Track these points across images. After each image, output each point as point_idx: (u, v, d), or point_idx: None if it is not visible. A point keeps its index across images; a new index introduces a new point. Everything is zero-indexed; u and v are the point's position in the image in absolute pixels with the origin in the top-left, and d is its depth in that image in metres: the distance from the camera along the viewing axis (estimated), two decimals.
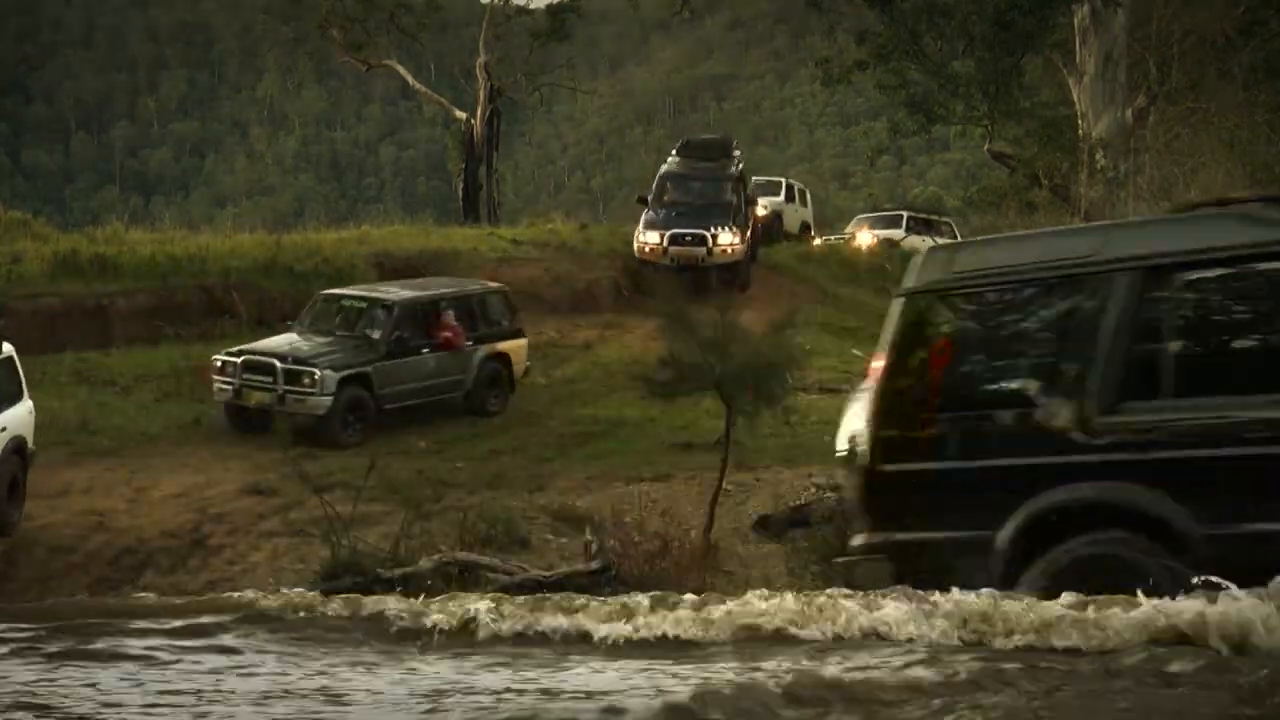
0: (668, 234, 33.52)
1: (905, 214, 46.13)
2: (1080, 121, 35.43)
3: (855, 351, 30.51)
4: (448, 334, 25.95)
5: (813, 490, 21.84)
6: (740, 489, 21.76)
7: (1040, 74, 39.67)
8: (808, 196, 46.54)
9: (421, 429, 25.42)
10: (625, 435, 24.87)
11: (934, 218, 46.53)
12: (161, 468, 23.02)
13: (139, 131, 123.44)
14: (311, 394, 24.12)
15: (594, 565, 19.22)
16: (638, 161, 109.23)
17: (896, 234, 43.03)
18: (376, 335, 25.26)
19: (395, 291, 26.60)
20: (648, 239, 33.70)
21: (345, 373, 24.44)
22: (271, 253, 31.87)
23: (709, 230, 33.45)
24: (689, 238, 33.35)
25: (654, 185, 35.32)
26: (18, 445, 20.54)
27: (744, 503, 21.51)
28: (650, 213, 34.39)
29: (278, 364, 24.25)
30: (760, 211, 38.65)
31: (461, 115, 46.65)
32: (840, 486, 22.05)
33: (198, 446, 23.93)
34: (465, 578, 18.92)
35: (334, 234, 36.54)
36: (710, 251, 33.32)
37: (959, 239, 44.03)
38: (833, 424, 25.78)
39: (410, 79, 49.33)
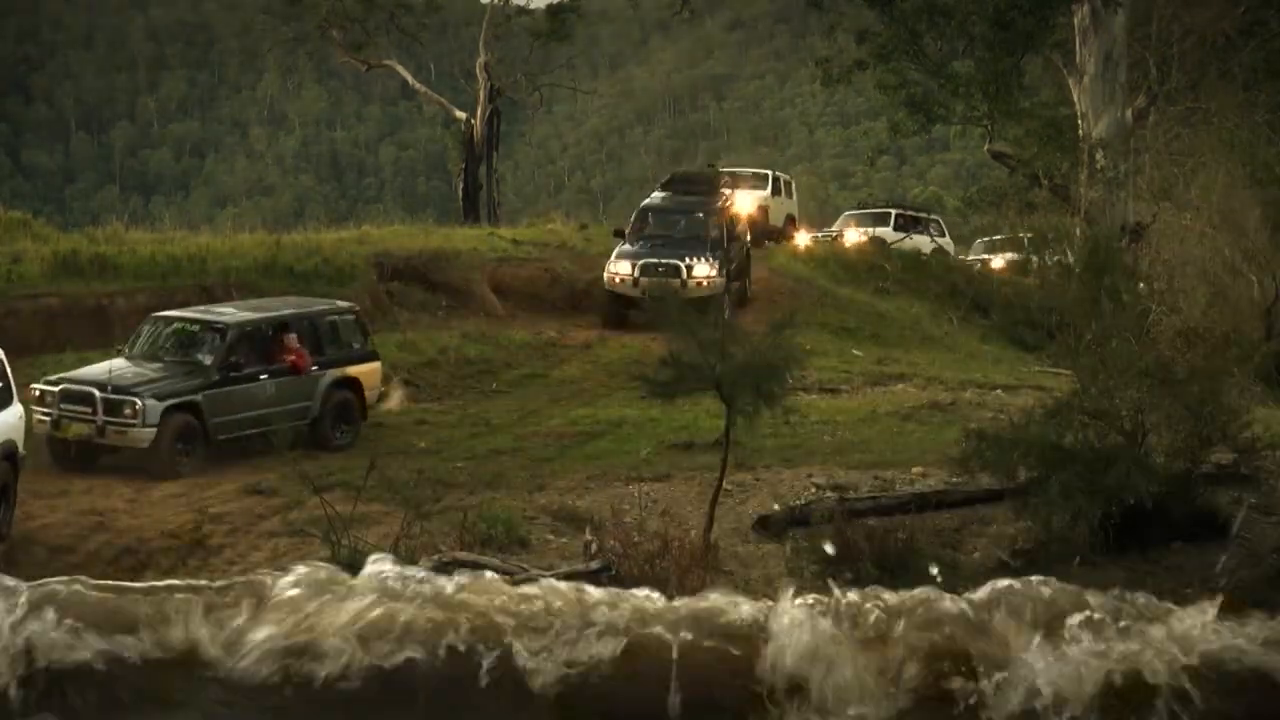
0: (639, 264, 31.69)
1: (893, 211, 45.54)
2: (1080, 121, 35.46)
3: (855, 351, 30.54)
4: (291, 358, 24.00)
5: (813, 490, 21.86)
6: (740, 489, 21.76)
7: (1040, 74, 39.71)
8: (793, 188, 45.62)
9: (420, 429, 25.41)
10: (625, 435, 24.86)
11: (922, 215, 45.98)
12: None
13: (139, 131, 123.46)
14: (133, 425, 22.45)
15: (594, 565, 19.22)
16: (638, 161, 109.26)
17: (885, 232, 42.65)
18: (208, 360, 23.33)
19: (230, 313, 24.59)
20: (618, 269, 31.87)
21: (170, 401, 22.60)
22: (271, 253, 31.87)
23: (684, 260, 31.55)
24: (662, 268, 31.40)
25: (633, 218, 33.66)
26: (8, 451, 20.27)
27: (744, 503, 21.51)
28: (625, 244, 32.71)
29: (96, 393, 22.56)
30: (756, 205, 38.31)
31: (461, 115, 46.66)
32: (841, 486, 22.11)
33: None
34: None
35: (334, 234, 36.55)
36: (684, 284, 31.02)
37: (947, 237, 43.91)
38: (833, 424, 25.89)
39: (410, 79, 49.34)
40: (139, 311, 29.01)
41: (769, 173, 44.90)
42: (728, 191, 34.83)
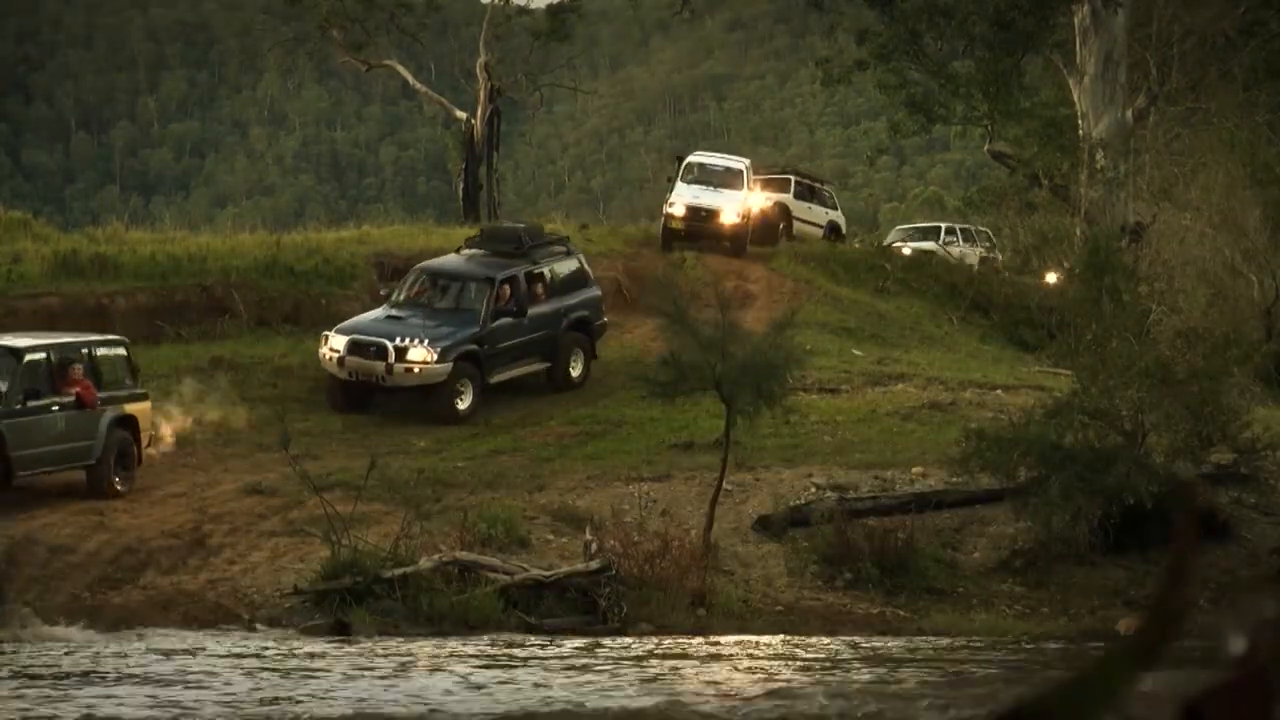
0: (347, 339, 25.65)
1: (792, 177, 43.20)
2: (1080, 122, 35.44)
3: (855, 351, 30.53)
4: (79, 390, 21.64)
5: (813, 490, 21.86)
6: (740, 489, 21.76)
7: (1040, 74, 39.68)
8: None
9: (421, 429, 25.40)
10: (625, 435, 24.85)
11: (818, 184, 44.34)
12: (162, 466, 23.00)
13: (139, 131, 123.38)
14: None
15: (594, 565, 19.22)
16: (638, 162, 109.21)
17: (786, 198, 40.55)
18: (4, 387, 21.22)
19: (25, 339, 22.78)
20: (332, 342, 25.77)
21: None
22: (272, 252, 31.85)
23: (395, 341, 25.40)
24: (372, 348, 25.43)
25: (407, 279, 27.83)
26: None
27: (744, 502, 21.52)
28: (381, 310, 26.95)
29: None
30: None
31: (462, 115, 46.62)
32: (841, 486, 22.12)
33: (198, 446, 23.90)
34: (465, 578, 18.94)
35: (334, 234, 36.51)
36: (390, 369, 25.28)
37: (839, 211, 43.14)
38: (833, 424, 25.89)
39: (410, 79, 49.31)
40: (139, 311, 29.02)
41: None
42: (563, 249, 28.85)
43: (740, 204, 35.40)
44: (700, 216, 34.70)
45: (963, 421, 23.67)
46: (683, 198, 35.01)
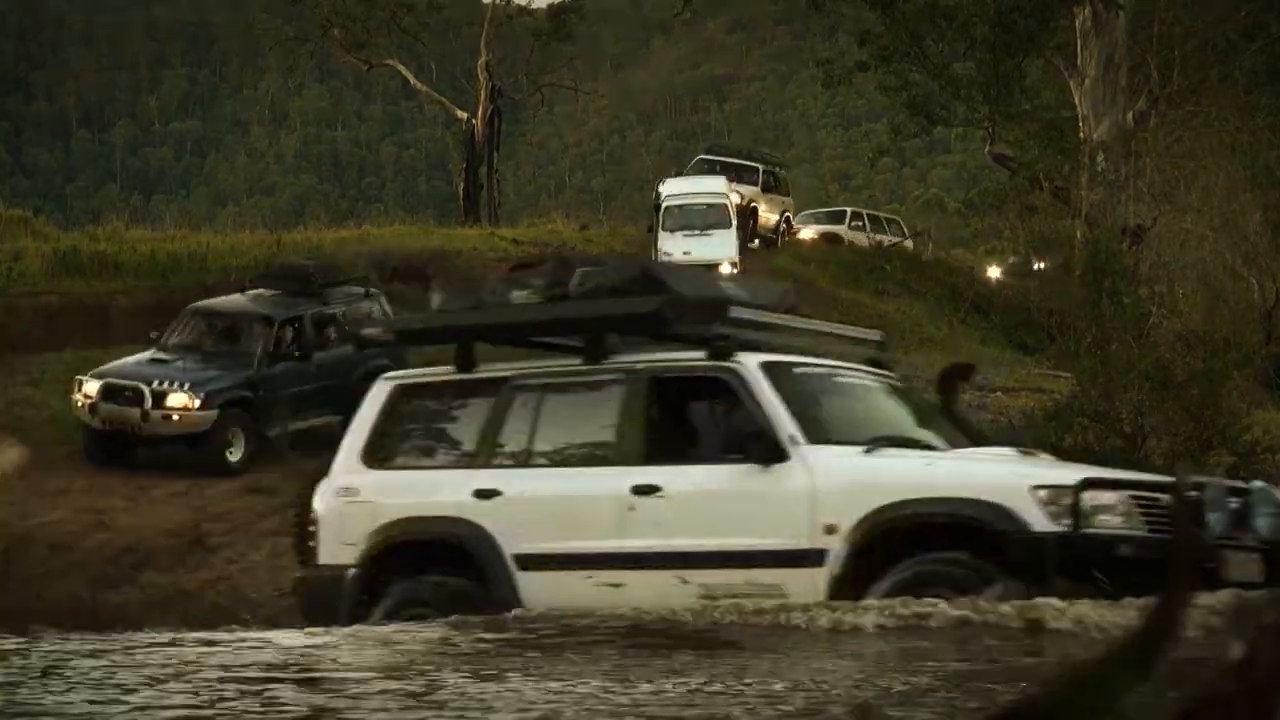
0: (101, 384, 22.92)
1: (759, 167, 41.51)
2: (1081, 124, 35.43)
3: None
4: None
5: None
6: None
7: (1041, 76, 39.68)
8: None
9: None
10: None
11: (779, 169, 43.60)
12: (161, 466, 23.01)
13: (140, 130, 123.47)
14: None
15: None
16: (639, 162, 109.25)
17: (754, 192, 39.67)
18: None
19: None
20: (85, 387, 23.08)
21: None
22: (272, 252, 31.89)
23: (152, 385, 22.73)
24: (128, 394, 22.68)
25: (180, 317, 24.82)
26: None
27: None
28: (147, 354, 24.02)
29: None
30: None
31: (462, 115, 46.67)
32: None
33: None
34: None
35: (334, 233, 36.57)
36: (146, 416, 22.60)
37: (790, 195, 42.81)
38: None
39: (411, 78, 49.36)
40: (139, 310, 29.02)
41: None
42: (363, 290, 25.71)
43: (733, 243, 34.02)
44: None
45: None
46: (671, 255, 32.66)
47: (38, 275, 29.41)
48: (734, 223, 34.65)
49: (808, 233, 42.68)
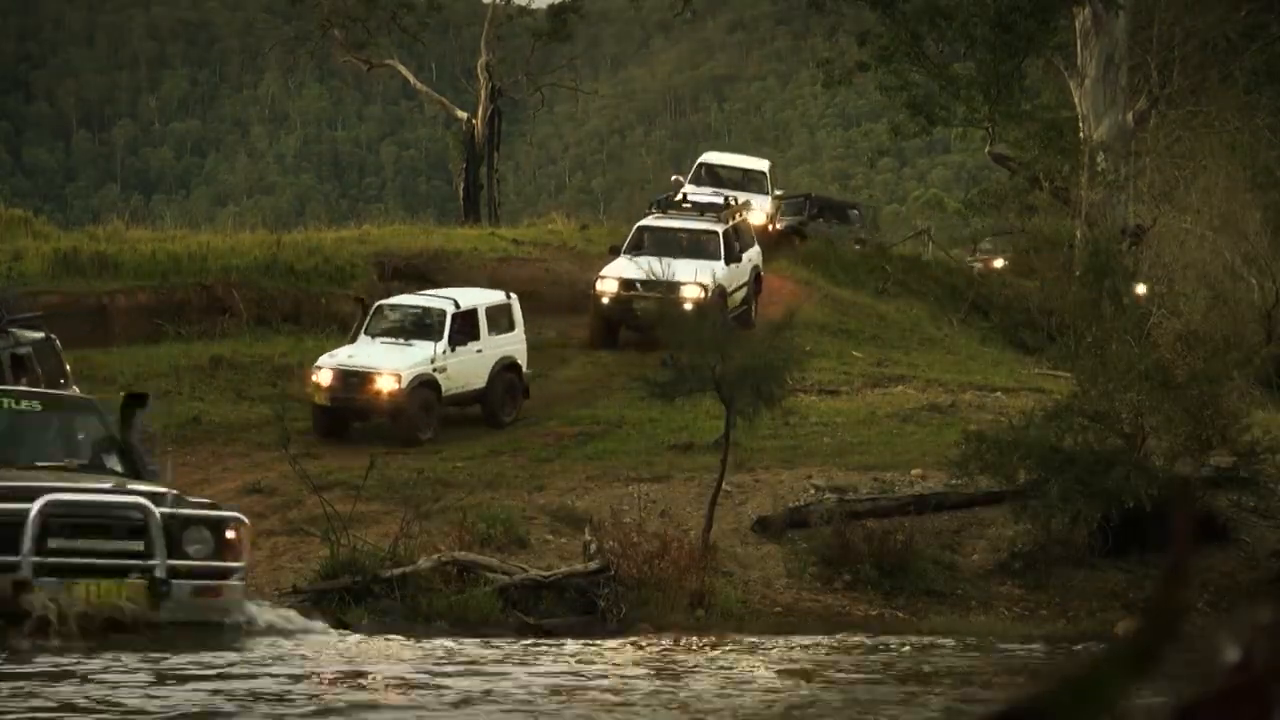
0: None
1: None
2: (1081, 124, 35.45)
3: (855, 353, 30.53)
4: None
5: (812, 491, 21.86)
6: (739, 490, 21.75)
7: (1041, 77, 39.70)
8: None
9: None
10: (624, 435, 24.84)
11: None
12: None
13: (140, 130, 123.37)
14: None
15: (593, 565, 19.21)
16: (639, 162, 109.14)
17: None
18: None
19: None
20: None
21: None
22: (272, 252, 31.87)
23: None
24: None
25: None
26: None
27: (743, 503, 21.51)
28: None
29: None
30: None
31: (463, 115, 46.65)
32: (840, 488, 22.10)
33: (197, 445, 23.90)
34: (464, 578, 18.94)
35: (335, 233, 36.54)
36: None
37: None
38: (832, 425, 25.87)
39: (411, 78, 49.35)
40: (139, 310, 29.05)
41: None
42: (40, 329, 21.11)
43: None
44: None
45: (962, 423, 23.67)
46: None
47: (38, 275, 29.39)
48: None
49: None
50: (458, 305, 25.30)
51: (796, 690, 14.72)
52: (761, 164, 38.02)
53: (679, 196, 32.81)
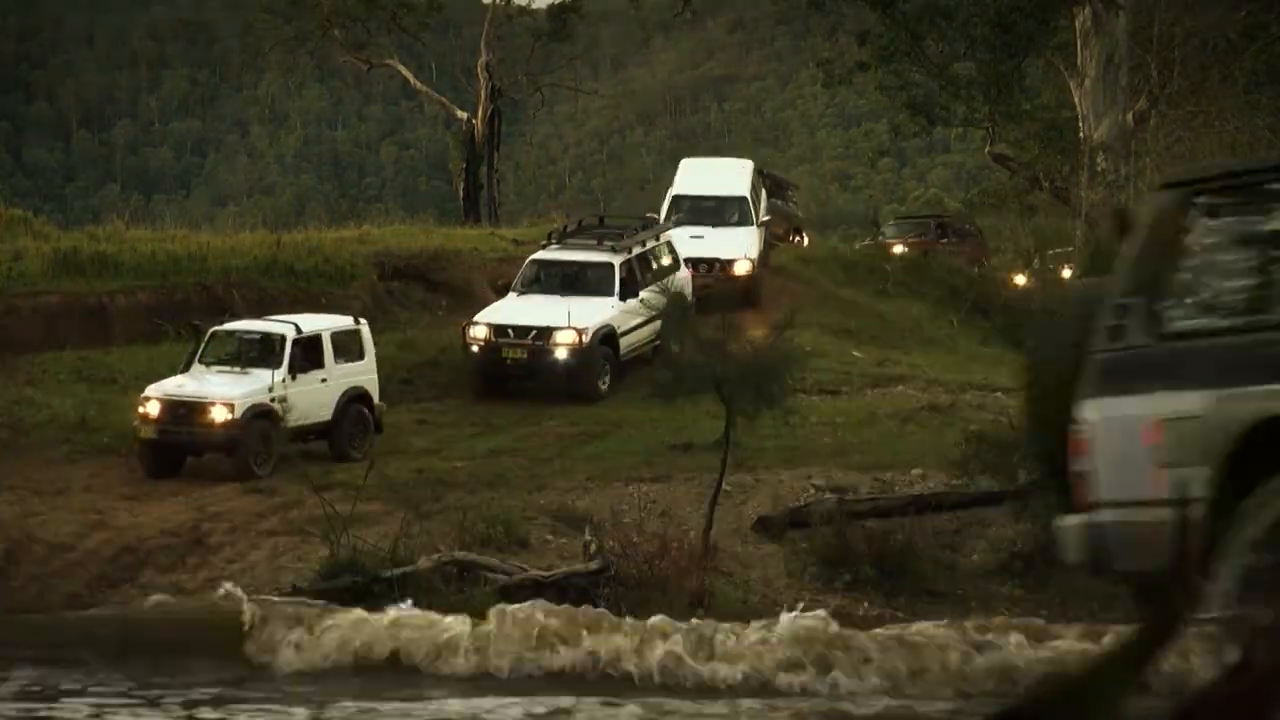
0: None
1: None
2: (1081, 124, 35.41)
3: (855, 353, 30.53)
4: None
5: (812, 491, 21.86)
6: (740, 490, 21.76)
7: (1041, 77, 39.69)
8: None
9: (420, 428, 25.41)
10: (625, 436, 24.85)
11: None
12: None
13: (140, 130, 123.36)
14: None
15: (593, 566, 19.22)
16: (639, 162, 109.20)
17: None
18: None
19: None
20: None
21: None
22: (272, 252, 31.87)
23: None
24: None
25: None
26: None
27: (743, 503, 21.51)
28: None
29: None
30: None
31: (463, 115, 46.67)
32: (840, 488, 22.08)
33: None
34: (465, 578, 18.95)
35: (335, 233, 36.54)
36: None
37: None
38: (832, 425, 25.81)
39: (411, 78, 49.37)
40: (139, 310, 29.04)
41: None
42: None
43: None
44: None
45: (963, 424, 23.68)
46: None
47: (38, 275, 29.39)
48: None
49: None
50: (299, 330, 23.55)
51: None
52: (740, 187, 33.88)
53: (574, 226, 30.24)
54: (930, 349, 32.32)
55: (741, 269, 30.28)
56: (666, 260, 28.82)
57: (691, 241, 30.35)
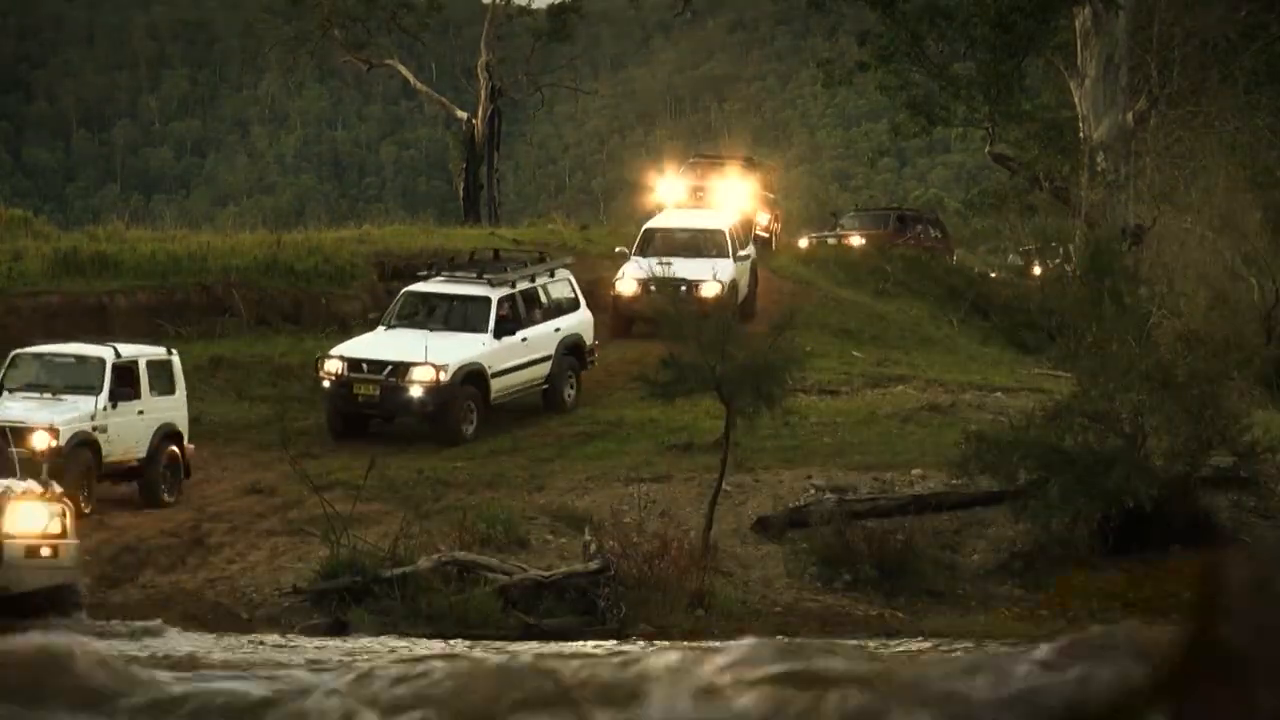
0: None
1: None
2: (1081, 124, 35.43)
3: (855, 353, 30.52)
4: None
5: (812, 491, 21.86)
6: (739, 490, 21.75)
7: (1041, 77, 39.69)
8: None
9: (420, 428, 25.39)
10: (624, 436, 24.83)
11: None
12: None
13: (140, 130, 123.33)
14: None
15: (593, 565, 19.22)
16: (639, 162, 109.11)
17: None
18: None
19: None
20: None
21: None
22: (272, 252, 31.85)
23: None
24: None
25: None
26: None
27: (743, 503, 21.51)
28: None
29: None
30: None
31: (463, 115, 46.64)
32: (840, 488, 22.09)
33: (198, 445, 23.87)
34: (464, 578, 18.95)
35: (334, 233, 36.51)
36: None
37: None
38: (832, 425, 25.87)
39: (411, 78, 49.33)
40: (139, 310, 29.03)
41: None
42: None
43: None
44: None
45: (962, 423, 23.66)
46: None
47: (38, 275, 29.38)
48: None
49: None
50: (118, 354, 21.54)
51: None
52: (719, 219, 31.84)
53: (465, 259, 27.88)
54: (930, 349, 32.30)
55: (709, 291, 27.73)
56: (563, 296, 26.76)
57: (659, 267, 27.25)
